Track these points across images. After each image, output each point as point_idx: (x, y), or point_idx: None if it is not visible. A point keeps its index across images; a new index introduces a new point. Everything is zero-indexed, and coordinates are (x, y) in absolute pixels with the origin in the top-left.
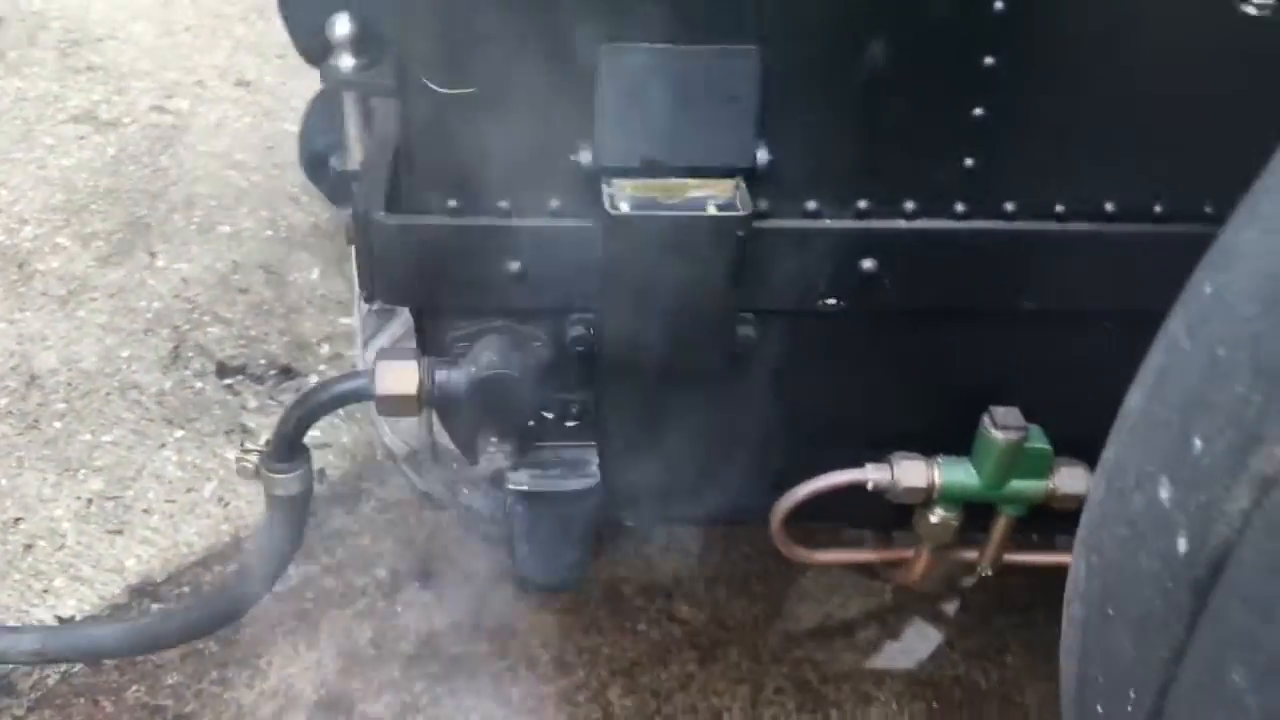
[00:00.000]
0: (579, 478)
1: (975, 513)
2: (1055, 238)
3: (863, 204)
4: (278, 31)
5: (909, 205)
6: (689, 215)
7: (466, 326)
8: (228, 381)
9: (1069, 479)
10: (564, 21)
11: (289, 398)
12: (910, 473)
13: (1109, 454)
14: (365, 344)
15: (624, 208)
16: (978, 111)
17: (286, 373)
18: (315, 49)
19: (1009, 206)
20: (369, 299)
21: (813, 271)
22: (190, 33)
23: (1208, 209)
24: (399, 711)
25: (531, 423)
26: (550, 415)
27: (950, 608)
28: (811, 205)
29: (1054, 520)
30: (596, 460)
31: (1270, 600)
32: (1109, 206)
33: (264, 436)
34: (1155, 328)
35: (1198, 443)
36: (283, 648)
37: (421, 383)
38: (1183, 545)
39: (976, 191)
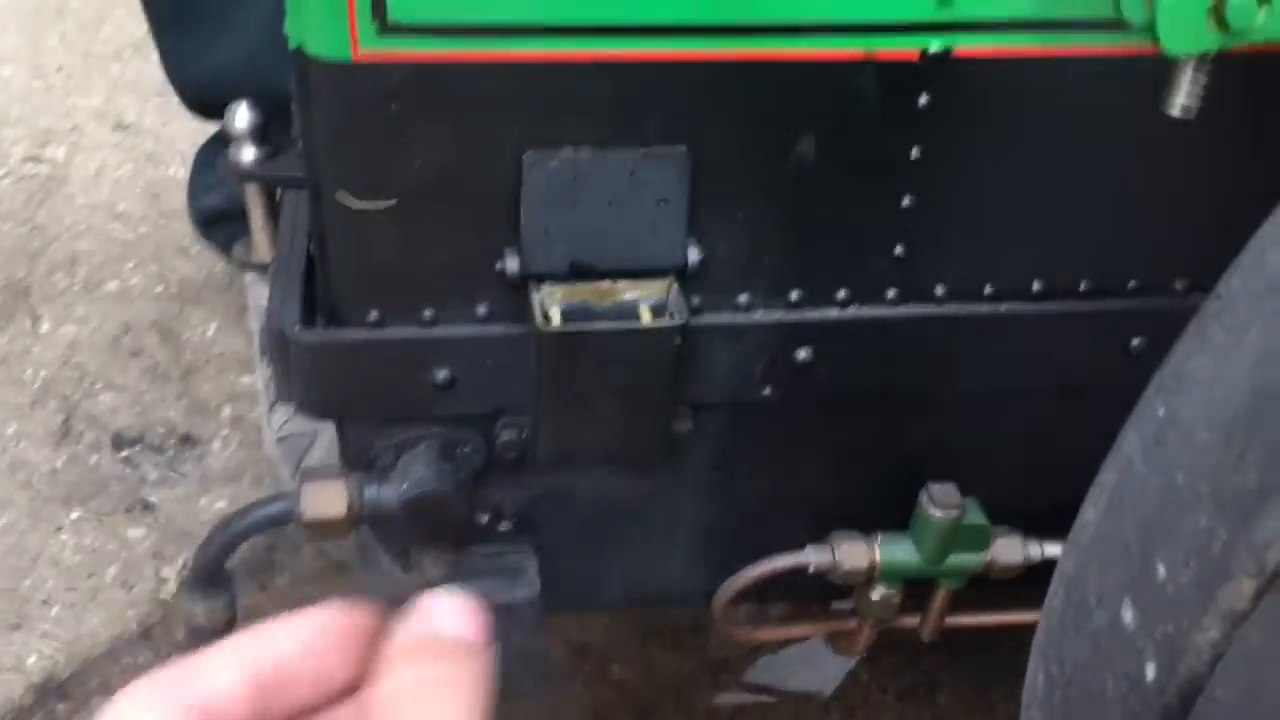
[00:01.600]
0: (518, 587)
1: (915, 585)
2: (984, 318)
3: (795, 295)
4: (155, 68)
5: (841, 294)
6: (624, 328)
7: (393, 436)
8: (125, 454)
9: (1006, 550)
10: (486, 131)
11: (191, 467)
12: (851, 554)
13: (1067, 565)
14: (271, 406)
15: (555, 316)
16: (906, 201)
17: (187, 441)
18: (203, 104)
19: (939, 290)
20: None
21: (748, 363)
22: (63, 74)
23: (1131, 284)
24: None
25: (465, 533)
26: (484, 519)
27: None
28: (744, 299)
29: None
30: (533, 567)
31: None
32: (1036, 286)
33: (166, 511)
34: (1084, 400)
35: (1161, 569)
36: None
37: (350, 504)
38: (1151, 672)
39: (907, 278)
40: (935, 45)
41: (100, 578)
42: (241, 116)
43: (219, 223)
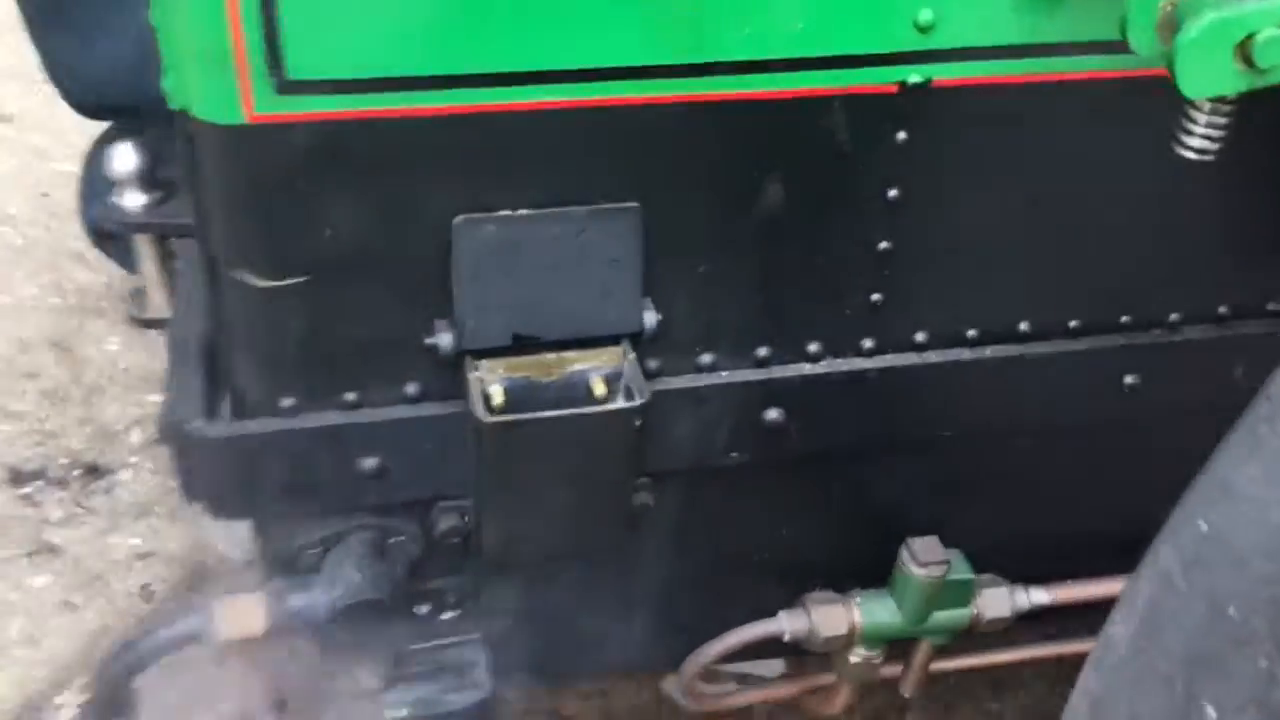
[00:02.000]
0: (468, 689)
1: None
2: (969, 364)
3: (763, 352)
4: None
5: (813, 348)
6: (576, 414)
7: (318, 531)
8: (24, 491)
9: (992, 603)
10: (409, 194)
11: (100, 501)
12: (829, 619)
13: (1092, 683)
14: None
15: (496, 396)
16: (883, 245)
17: (93, 471)
18: (85, 107)
19: (919, 337)
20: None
21: (712, 428)
22: None
23: (1124, 320)
24: None
25: (403, 634)
26: (424, 611)
27: None
28: (707, 359)
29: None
30: (482, 660)
31: None
32: (1023, 327)
33: (73, 553)
34: (1071, 440)
35: (1211, 712)
36: None
37: (271, 619)
38: None
39: (885, 326)
40: (915, 76)
41: (4, 634)
42: (123, 159)
43: (115, 235)
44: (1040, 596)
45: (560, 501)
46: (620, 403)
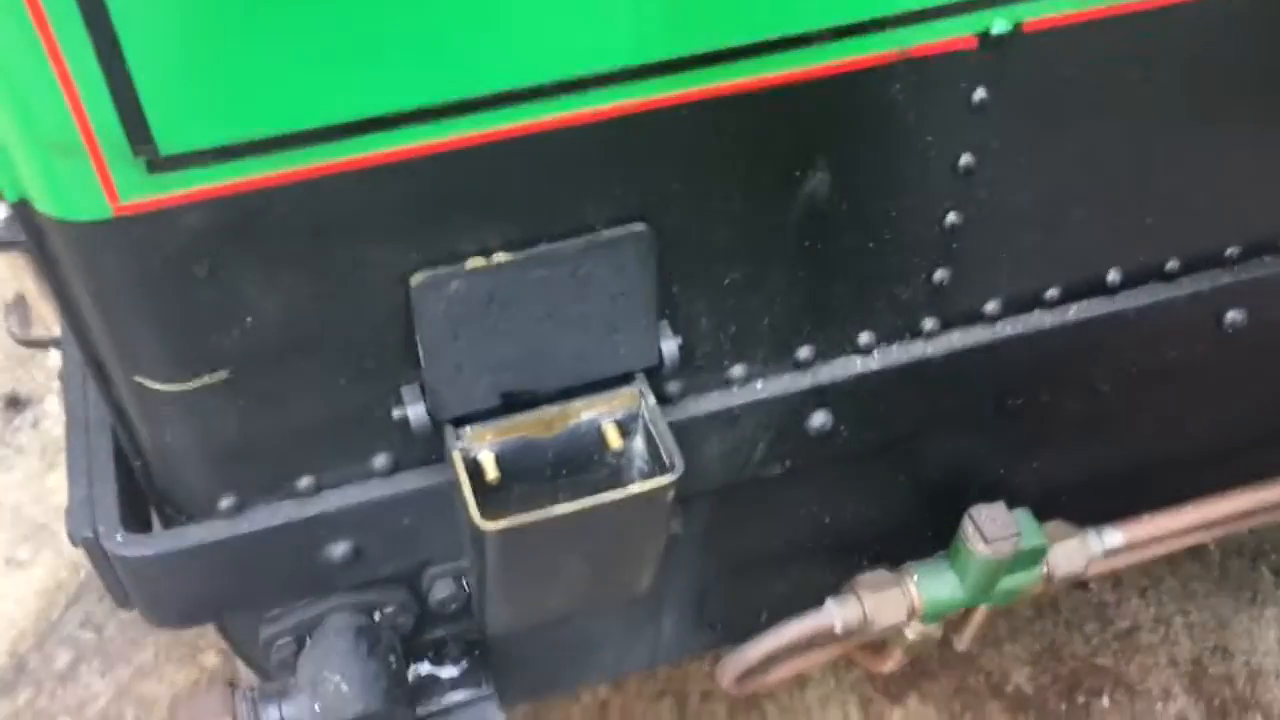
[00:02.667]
0: None
1: None
2: (1050, 328)
3: (804, 353)
4: None
5: (864, 339)
6: (599, 504)
7: (288, 620)
8: None
9: (1064, 559)
10: (348, 259)
11: (28, 438)
12: (886, 605)
13: None
14: None
15: (488, 465)
16: (951, 219)
17: (15, 404)
18: None
19: (990, 307)
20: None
21: (748, 445)
22: None
23: (1229, 253)
24: None
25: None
26: (424, 671)
27: None
28: (738, 371)
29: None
30: (497, 714)
31: None
32: (1112, 277)
33: (9, 501)
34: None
35: None
36: None
37: None
38: None
39: (949, 302)
40: (1000, 24)
41: None
42: None
43: None
44: (1115, 538)
45: (580, 576)
46: (648, 482)
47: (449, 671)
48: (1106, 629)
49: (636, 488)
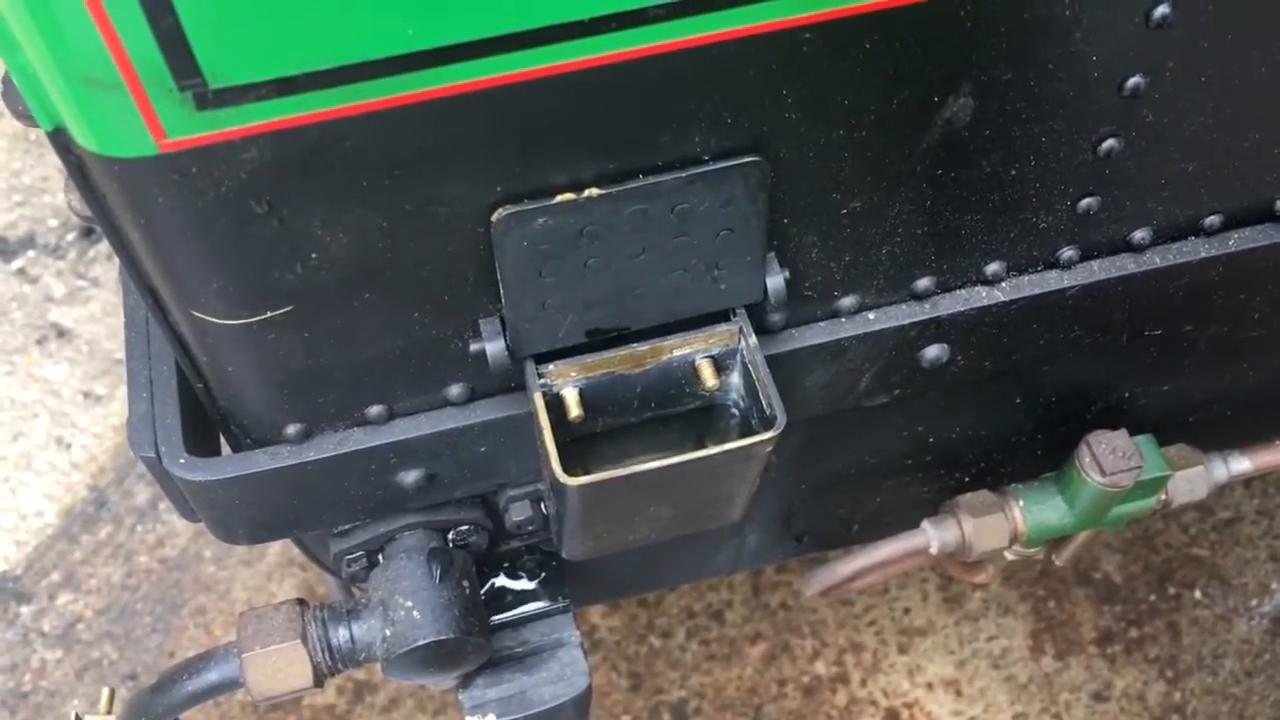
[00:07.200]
0: (563, 682)
1: None
2: (1206, 258)
3: (924, 283)
4: None
5: (992, 268)
6: (686, 461)
7: (360, 536)
8: (16, 265)
9: (1186, 486)
10: (421, 194)
11: (103, 270)
12: (987, 530)
13: None
14: None
15: (571, 401)
16: (1107, 145)
17: (89, 234)
18: None
19: (1139, 236)
20: None
21: (853, 375)
22: None
23: None
24: None
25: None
26: (505, 583)
27: None
28: (849, 302)
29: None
30: (575, 639)
31: None
32: None
33: (85, 335)
34: None
35: None
36: None
37: (317, 667)
38: None
39: (1092, 230)
40: None
41: (30, 439)
42: None
43: None
44: (1241, 464)
45: (666, 515)
46: (745, 440)
47: (524, 584)
48: (1206, 519)
49: (733, 444)
